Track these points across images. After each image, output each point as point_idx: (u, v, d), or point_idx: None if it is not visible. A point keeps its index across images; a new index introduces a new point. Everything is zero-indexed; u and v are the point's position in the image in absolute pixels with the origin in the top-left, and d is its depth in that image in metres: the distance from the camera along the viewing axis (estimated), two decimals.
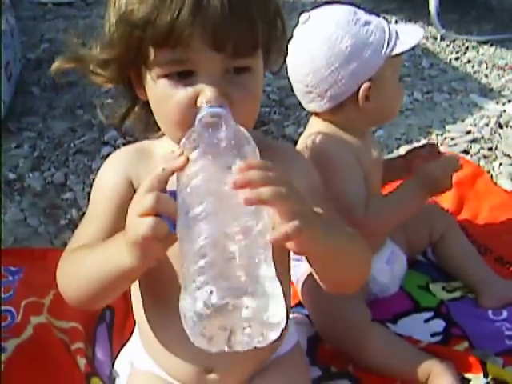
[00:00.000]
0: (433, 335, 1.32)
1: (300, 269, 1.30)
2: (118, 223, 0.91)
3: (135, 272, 0.82)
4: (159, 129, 0.98)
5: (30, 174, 1.92)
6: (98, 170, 1.02)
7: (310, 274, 0.98)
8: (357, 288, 0.95)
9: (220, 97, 0.83)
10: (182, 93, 0.84)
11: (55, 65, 0.94)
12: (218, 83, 0.84)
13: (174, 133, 0.89)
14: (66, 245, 1.58)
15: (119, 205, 0.94)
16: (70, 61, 0.94)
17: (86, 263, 0.88)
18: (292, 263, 1.06)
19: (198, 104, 0.84)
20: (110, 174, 0.98)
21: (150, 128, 1.00)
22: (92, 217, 0.97)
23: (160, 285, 0.93)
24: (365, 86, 1.23)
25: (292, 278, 1.15)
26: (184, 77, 0.84)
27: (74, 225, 1.70)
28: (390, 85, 1.28)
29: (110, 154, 1.04)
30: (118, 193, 0.95)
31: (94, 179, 1.88)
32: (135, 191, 0.93)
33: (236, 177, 0.72)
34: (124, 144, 1.06)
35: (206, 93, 0.83)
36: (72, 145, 2.06)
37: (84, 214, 1.01)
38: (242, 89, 0.86)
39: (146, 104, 0.94)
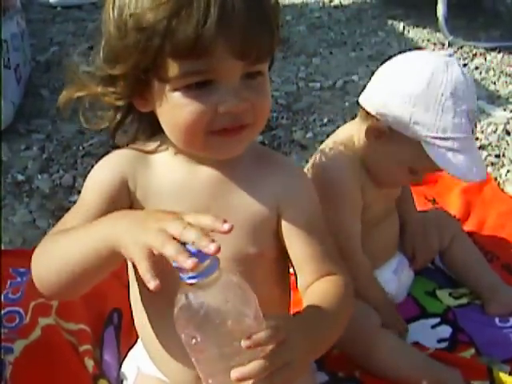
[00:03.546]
0: (439, 341, 1.32)
1: None
2: (105, 215, 0.89)
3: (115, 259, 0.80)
4: (149, 137, 0.98)
5: (39, 176, 1.93)
6: None
7: None
8: None
9: (241, 103, 0.84)
10: (202, 103, 0.84)
11: (62, 97, 0.93)
12: (238, 90, 0.84)
13: (186, 142, 0.90)
14: None
15: (110, 199, 0.93)
16: (76, 90, 0.92)
17: (67, 243, 0.86)
18: None
19: (221, 112, 0.84)
20: (106, 169, 0.96)
21: (139, 136, 0.99)
22: (81, 205, 0.95)
23: (159, 296, 0.93)
24: (383, 126, 1.21)
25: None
26: (202, 86, 0.84)
27: None
28: (396, 160, 1.24)
29: None
30: (111, 187, 0.94)
31: None
32: (129, 191, 0.95)
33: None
34: None
35: (228, 101, 0.83)
36: (81, 147, 2.07)
37: None
38: (259, 92, 0.87)
39: (142, 115, 0.94)
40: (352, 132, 1.31)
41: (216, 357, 0.75)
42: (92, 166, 1.88)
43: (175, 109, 0.86)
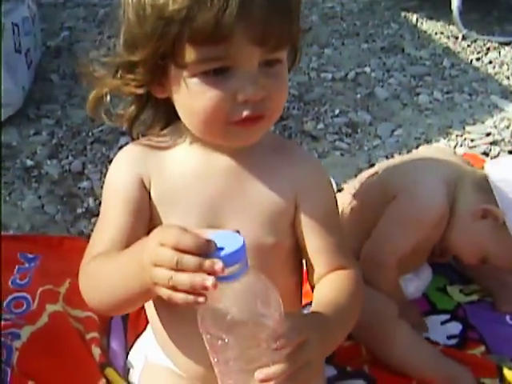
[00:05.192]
0: (449, 338, 1.31)
1: None
2: (133, 227, 0.91)
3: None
4: (162, 129, 0.98)
5: (48, 162, 1.92)
6: None
7: None
8: None
9: (259, 91, 0.83)
10: (220, 90, 0.83)
11: (90, 102, 0.93)
12: (256, 77, 0.83)
13: (205, 131, 0.89)
14: (82, 233, 1.63)
15: (133, 207, 0.93)
16: (99, 89, 0.92)
17: (106, 276, 0.87)
18: None
19: (239, 100, 0.83)
20: (120, 176, 0.96)
21: (154, 125, 0.99)
22: (106, 222, 0.95)
23: None
24: (500, 216, 1.20)
25: None
26: (220, 73, 0.83)
27: (90, 214, 1.71)
28: (483, 246, 1.24)
29: (127, 143, 1.02)
30: (131, 196, 0.94)
31: None
32: (146, 189, 0.94)
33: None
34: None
35: (247, 89, 0.83)
36: (90, 133, 2.06)
37: (101, 203, 1.00)
38: (277, 80, 0.86)
39: (158, 102, 0.94)
40: (457, 178, 1.27)
41: (238, 357, 0.75)
42: (101, 153, 1.94)
43: (192, 96, 0.85)
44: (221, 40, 0.80)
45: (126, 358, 1.23)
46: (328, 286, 0.96)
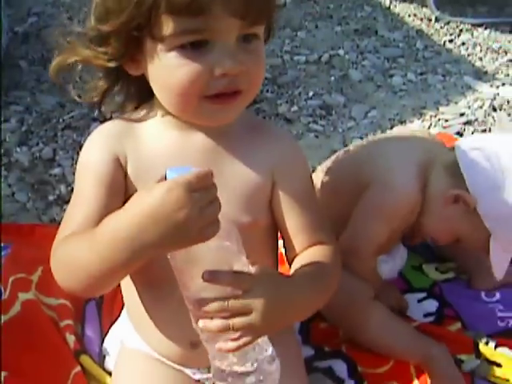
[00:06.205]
0: (426, 315, 1.32)
1: None
2: (108, 205, 0.88)
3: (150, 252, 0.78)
4: (136, 107, 0.96)
5: (18, 149, 1.88)
6: None
7: None
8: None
9: (237, 65, 0.82)
10: (198, 64, 0.82)
11: (54, 65, 0.90)
12: (234, 52, 0.82)
13: (179, 106, 0.87)
14: (54, 221, 1.60)
15: (108, 185, 0.90)
16: (67, 56, 0.89)
17: (83, 253, 0.82)
18: None
19: (217, 74, 0.82)
20: (95, 152, 0.93)
21: (127, 104, 0.97)
22: (80, 201, 0.91)
23: (153, 268, 0.90)
24: (471, 202, 1.18)
25: None
26: (198, 46, 0.81)
27: (62, 201, 1.68)
28: (455, 229, 1.24)
29: None
30: (105, 172, 0.91)
31: None
32: (122, 168, 0.92)
33: None
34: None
35: (224, 63, 0.81)
36: (61, 120, 2.02)
37: (72, 189, 0.97)
38: (254, 56, 0.85)
39: (130, 81, 0.92)
40: (428, 160, 1.25)
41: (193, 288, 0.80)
42: (73, 140, 1.91)
43: (169, 70, 0.83)
44: (200, 12, 0.78)
45: (102, 344, 1.22)
46: (305, 258, 0.95)
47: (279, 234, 1.02)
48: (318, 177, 1.32)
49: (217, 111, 0.87)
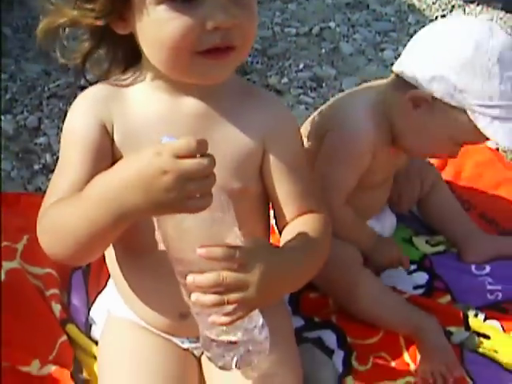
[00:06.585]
0: (415, 287, 1.32)
1: None
2: (94, 171, 0.85)
3: (135, 215, 0.77)
4: (123, 71, 0.93)
5: (2, 117, 1.83)
6: None
7: None
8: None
9: (230, 18, 0.79)
10: (189, 17, 0.79)
11: (41, 27, 0.87)
12: (226, 5, 0.80)
13: (170, 62, 0.84)
14: (39, 190, 1.57)
15: (94, 151, 0.88)
16: (54, 17, 0.86)
17: (70, 218, 0.81)
18: None
19: (209, 27, 0.79)
20: (80, 118, 0.90)
21: (113, 69, 0.94)
22: (65, 167, 0.90)
23: (135, 236, 0.89)
24: (425, 94, 1.15)
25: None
26: (188, 0, 0.79)
27: (47, 170, 1.64)
28: (441, 133, 1.18)
29: None
30: (92, 138, 0.89)
31: None
32: (109, 134, 0.90)
33: None
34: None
35: (216, 16, 0.79)
36: (46, 88, 1.97)
37: (58, 158, 0.95)
38: (247, 10, 0.83)
39: (117, 42, 0.89)
40: (382, 96, 1.23)
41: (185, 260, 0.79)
42: (59, 108, 1.87)
43: (159, 24, 0.81)
44: None
45: (88, 313, 1.21)
46: (293, 227, 0.94)
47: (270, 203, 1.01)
48: None
49: (209, 67, 0.84)
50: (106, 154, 0.90)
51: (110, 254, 1.01)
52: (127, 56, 0.93)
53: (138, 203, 0.74)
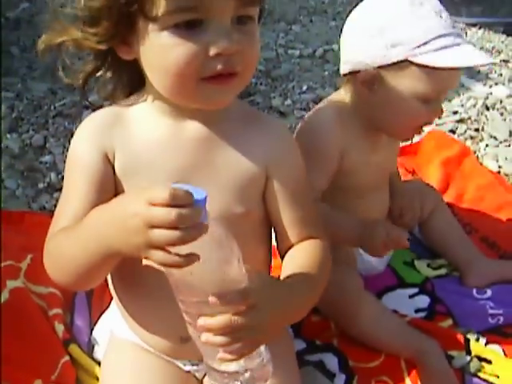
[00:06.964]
0: (417, 311, 1.32)
1: None
2: (98, 201, 0.87)
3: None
4: (128, 95, 0.95)
5: (8, 136, 1.86)
6: None
7: None
8: None
9: (233, 44, 0.81)
10: (193, 43, 0.80)
11: (42, 41, 0.88)
12: (229, 32, 0.81)
13: (175, 89, 0.85)
14: (43, 208, 1.58)
15: (97, 182, 0.90)
16: (57, 34, 0.87)
17: (70, 247, 0.84)
18: None
19: (212, 53, 0.80)
20: (83, 149, 0.92)
21: (117, 93, 0.95)
22: (70, 195, 0.91)
23: (129, 265, 0.90)
24: (368, 70, 1.17)
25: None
26: (192, 27, 0.80)
27: (52, 188, 1.66)
28: (402, 96, 1.17)
29: None
30: (95, 169, 0.90)
31: None
32: (110, 163, 0.91)
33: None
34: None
35: (220, 42, 0.80)
36: (52, 107, 2.00)
37: (63, 177, 0.96)
38: (249, 37, 0.84)
39: (124, 66, 0.90)
40: (342, 96, 1.26)
41: (194, 302, 0.78)
42: (64, 127, 1.89)
43: (163, 50, 0.82)
44: None
45: (91, 334, 1.21)
46: (298, 256, 0.95)
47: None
48: None
49: (214, 93, 0.85)
50: (109, 183, 0.91)
51: (112, 273, 1.01)
52: (132, 80, 0.94)
53: (116, 241, 0.77)
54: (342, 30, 1.24)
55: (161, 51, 0.82)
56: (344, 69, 1.23)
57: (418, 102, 1.17)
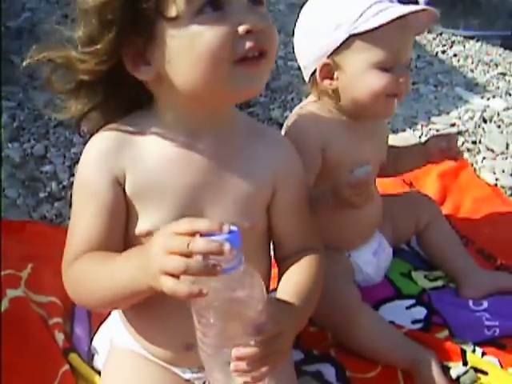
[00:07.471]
0: (414, 322, 1.32)
1: None
2: (109, 228, 0.90)
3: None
4: (126, 114, 0.93)
5: (9, 145, 1.87)
6: (79, 143, 0.95)
7: None
8: None
9: (261, 21, 0.83)
10: (221, 25, 0.81)
11: (30, 56, 0.88)
12: (253, 10, 0.83)
13: (210, 75, 0.83)
14: (44, 218, 1.59)
15: (109, 211, 0.90)
16: (50, 49, 0.87)
17: (96, 281, 0.88)
18: None
19: (241, 31, 0.81)
20: (91, 175, 0.90)
21: (114, 118, 0.93)
22: (81, 225, 0.92)
23: None
24: (322, 62, 1.20)
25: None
26: (214, 9, 0.81)
27: (53, 198, 1.67)
28: (360, 71, 1.19)
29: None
30: (107, 199, 0.90)
31: (74, 153, 1.84)
32: (121, 186, 0.90)
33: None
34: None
35: (248, 19, 0.81)
36: (53, 117, 2.00)
37: (63, 187, 0.97)
38: (265, 19, 0.85)
39: (120, 87, 0.90)
40: (313, 99, 1.30)
41: (219, 334, 0.80)
42: (65, 137, 1.90)
43: (192, 40, 0.81)
44: None
45: (91, 343, 1.21)
46: (300, 273, 0.97)
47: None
48: None
49: (246, 78, 0.84)
50: (120, 204, 0.91)
51: None
52: (130, 102, 0.94)
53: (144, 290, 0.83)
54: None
55: (189, 42, 0.81)
56: (306, 74, 1.27)
57: (378, 72, 1.19)
